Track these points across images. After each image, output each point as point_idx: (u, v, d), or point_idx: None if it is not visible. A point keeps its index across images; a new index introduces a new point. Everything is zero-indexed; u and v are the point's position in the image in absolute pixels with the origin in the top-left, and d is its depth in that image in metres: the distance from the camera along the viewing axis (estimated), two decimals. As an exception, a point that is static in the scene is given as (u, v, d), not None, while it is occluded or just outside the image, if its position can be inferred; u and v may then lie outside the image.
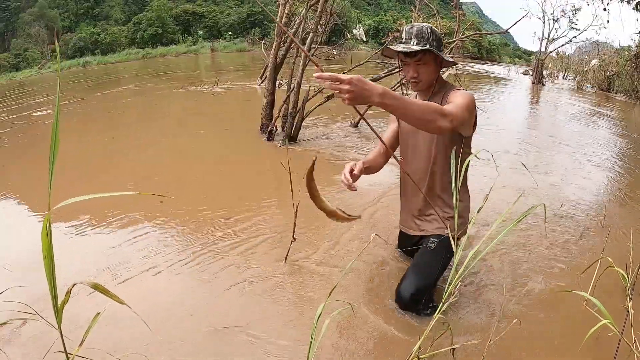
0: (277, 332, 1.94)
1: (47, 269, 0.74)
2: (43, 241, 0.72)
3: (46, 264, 0.73)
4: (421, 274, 2.03)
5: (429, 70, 1.94)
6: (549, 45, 15.59)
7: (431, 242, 2.11)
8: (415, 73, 1.93)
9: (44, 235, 0.71)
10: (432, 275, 2.03)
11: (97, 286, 0.80)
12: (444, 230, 2.10)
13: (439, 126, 1.56)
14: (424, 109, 1.50)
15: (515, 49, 58.03)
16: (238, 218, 3.08)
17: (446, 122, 1.57)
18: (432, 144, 2.05)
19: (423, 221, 2.21)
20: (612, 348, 1.72)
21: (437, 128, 1.57)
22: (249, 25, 37.74)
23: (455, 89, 1.97)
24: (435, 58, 1.94)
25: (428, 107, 1.53)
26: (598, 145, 5.70)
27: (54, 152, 0.72)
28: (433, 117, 1.53)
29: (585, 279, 2.24)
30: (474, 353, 1.79)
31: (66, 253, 2.63)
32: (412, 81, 1.97)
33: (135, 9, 41.15)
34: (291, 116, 5.02)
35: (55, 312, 0.80)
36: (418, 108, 1.48)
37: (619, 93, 12.73)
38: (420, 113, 1.48)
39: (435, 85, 2.03)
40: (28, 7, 38.20)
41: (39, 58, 32.69)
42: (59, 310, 0.79)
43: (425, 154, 2.10)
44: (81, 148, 5.32)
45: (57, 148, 0.74)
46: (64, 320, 0.86)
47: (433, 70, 1.96)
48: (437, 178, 2.11)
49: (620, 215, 3.30)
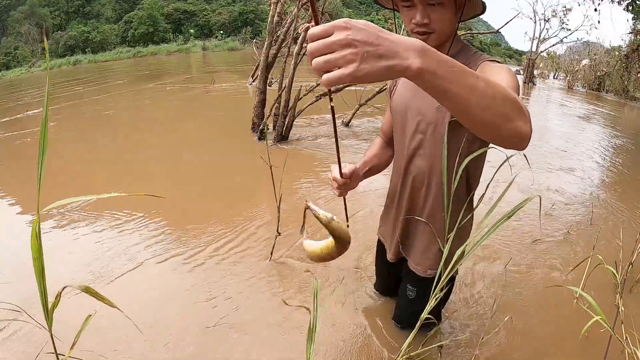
0: (268, 330, 1.93)
1: (37, 271, 0.73)
2: (32, 243, 0.71)
3: (36, 266, 0.72)
4: (406, 322, 1.80)
5: (445, 16, 1.20)
6: (540, 45, 15.71)
7: (409, 290, 1.68)
8: (424, 18, 1.20)
9: (34, 238, 0.70)
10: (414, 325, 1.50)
11: (87, 289, 0.79)
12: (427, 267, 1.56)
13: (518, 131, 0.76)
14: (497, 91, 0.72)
15: (507, 48, 58.36)
16: (227, 217, 3.08)
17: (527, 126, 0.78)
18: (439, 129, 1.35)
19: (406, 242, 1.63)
20: (603, 344, 1.73)
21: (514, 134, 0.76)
22: (240, 24, 37.67)
23: (484, 59, 1.26)
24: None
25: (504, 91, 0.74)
26: (586, 143, 5.76)
27: (42, 157, 0.71)
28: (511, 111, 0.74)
29: (576, 277, 2.26)
30: (466, 349, 1.80)
31: (57, 254, 2.61)
32: (420, 32, 1.23)
33: (126, 7, 40.83)
34: (282, 115, 5.01)
35: (45, 314, 0.79)
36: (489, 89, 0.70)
37: (609, 92, 12.86)
38: (492, 99, 0.71)
39: (449, 46, 1.31)
40: (18, 5, 37.78)
41: (29, 56, 32.37)
42: (49, 313, 0.78)
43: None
44: (74, 149, 5.27)
45: (46, 150, 0.73)
46: (56, 321, 0.85)
47: (450, 18, 1.22)
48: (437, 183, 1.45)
49: (608, 213, 3.34)
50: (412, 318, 1.53)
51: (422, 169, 1.43)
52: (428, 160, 1.41)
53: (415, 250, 1.59)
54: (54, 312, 0.80)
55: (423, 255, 1.56)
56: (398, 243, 1.62)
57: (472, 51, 1.32)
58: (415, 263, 1.59)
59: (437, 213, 1.47)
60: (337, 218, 0.97)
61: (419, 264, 1.57)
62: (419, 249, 1.56)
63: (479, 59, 1.27)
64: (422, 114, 1.35)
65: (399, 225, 1.59)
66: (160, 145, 5.32)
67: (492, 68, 1.18)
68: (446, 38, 1.27)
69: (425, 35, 1.23)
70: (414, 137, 1.41)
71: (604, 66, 13.39)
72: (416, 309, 1.53)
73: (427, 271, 1.55)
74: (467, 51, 1.32)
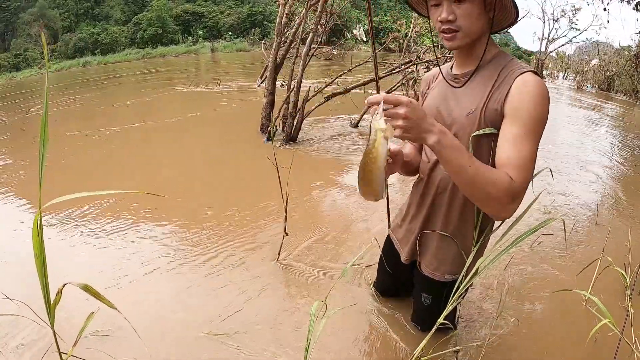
0: (271, 336, 1.91)
1: (39, 268, 0.73)
2: (34, 240, 0.71)
3: (38, 263, 0.73)
4: (426, 327, 1.72)
5: (472, 12, 1.19)
6: (549, 45, 15.65)
7: (424, 297, 1.69)
8: (449, 14, 1.19)
9: (35, 234, 0.70)
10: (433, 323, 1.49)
11: (87, 288, 0.80)
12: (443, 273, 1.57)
13: (493, 212, 1.17)
14: (488, 177, 1.09)
15: (516, 49, 57.84)
16: (235, 218, 3.08)
17: (506, 209, 1.14)
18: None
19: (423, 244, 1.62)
20: (611, 347, 1.71)
21: (497, 212, 1.16)
22: (249, 25, 37.71)
23: (521, 70, 1.21)
24: None
25: (497, 176, 1.10)
26: (593, 143, 5.70)
27: (43, 151, 0.71)
28: (499, 195, 1.10)
29: (584, 279, 2.23)
30: (472, 353, 1.78)
31: (60, 253, 2.63)
32: (444, 30, 1.23)
33: (135, 9, 41.10)
34: (291, 116, 5.01)
35: (47, 311, 0.79)
36: (480, 172, 1.08)
37: (619, 93, 12.74)
38: (483, 182, 1.08)
39: (484, 50, 1.29)
40: (28, 7, 38.17)
41: (39, 58, 32.69)
42: (52, 309, 0.78)
43: None
44: (80, 147, 5.31)
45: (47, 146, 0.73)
46: (59, 320, 0.85)
47: (478, 14, 1.20)
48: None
49: (615, 214, 3.30)
50: (431, 320, 1.50)
51: (447, 174, 1.39)
52: None
53: (431, 254, 1.57)
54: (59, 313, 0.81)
55: (441, 259, 1.55)
56: (415, 244, 1.61)
57: (508, 59, 1.28)
58: (432, 268, 1.57)
59: (458, 218, 1.47)
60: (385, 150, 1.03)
61: (437, 268, 1.56)
62: (436, 253, 1.55)
63: (515, 70, 1.22)
64: (453, 117, 1.34)
65: (418, 226, 1.58)
66: (168, 146, 5.35)
67: (531, 88, 1.16)
68: (475, 37, 1.25)
69: (451, 34, 1.22)
70: None
71: (613, 66, 13.27)
72: (434, 312, 1.53)
73: (445, 276, 1.55)
74: (502, 59, 1.28)
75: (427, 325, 1.71)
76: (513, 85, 1.19)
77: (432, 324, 1.45)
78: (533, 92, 1.16)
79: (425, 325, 1.78)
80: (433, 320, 1.45)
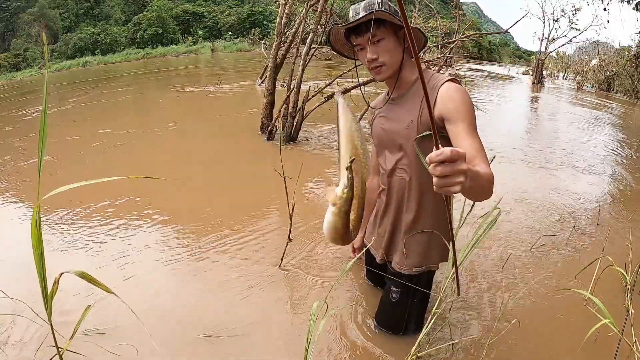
0: (272, 338, 1.90)
1: (37, 261, 0.73)
2: (32, 233, 0.71)
3: (36, 256, 0.73)
4: (389, 325, 1.86)
5: (389, 47, 1.50)
6: (549, 45, 15.62)
7: (393, 292, 1.78)
8: (373, 54, 1.50)
9: (33, 227, 0.70)
10: (399, 327, 1.81)
11: (83, 274, 0.80)
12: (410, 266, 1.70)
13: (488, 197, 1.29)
14: (487, 177, 1.22)
15: (516, 49, 58.05)
16: (236, 219, 3.06)
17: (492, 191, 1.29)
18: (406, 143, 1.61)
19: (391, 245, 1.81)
20: (611, 348, 1.71)
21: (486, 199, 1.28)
22: (249, 25, 37.79)
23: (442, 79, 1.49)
24: (395, 31, 1.50)
25: (486, 171, 1.24)
26: (593, 143, 5.70)
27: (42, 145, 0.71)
28: (492, 186, 1.25)
29: (585, 279, 2.23)
30: (472, 353, 1.78)
31: (58, 249, 2.62)
32: (374, 67, 1.54)
33: (135, 9, 41.17)
34: (291, 116, 5.01)
35: (45, 303, 0.79)
36: (484, 178, 1.19)
37: (619, 93, 12.74)
38: (486, 183, 1.21)
39: (407, 74, 1.60)
40: (28, 7, 38.21)
41: (39, 58, 32.73)
42: (49, 300, 0.78)
43: None
44: (81, 146, 5.31)
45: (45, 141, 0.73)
46: (58, 320, 0.85)
47: (394, 47, 1.51)
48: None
49: (616, 213, 3.30)
50: (393, 321, 1.81)
51: (403, 178, 1.65)
52: (408, 170, 1.63)
53: (399, 252, 1.74)
54: (65, 316, 0.81)
55: (408, 254, 1.71)
56: (386, 247, 1.80)
57: (429, 74, 1.56)
58: (401, 263, 1.72)
59: (421, 215, 1.66)
60: None
61: (405, 263, 1.71)
62: (404, 250, 1.71)
63: (436, 82, 1.48)
64: (396, 131, 1.61)
65: (387, 229, 1.78)
66: (168, 145, 5.34)
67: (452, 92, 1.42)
68: (397, 66, 1.55)
69: (378, 68, 1.54)
70: (395, 154, 1.66)
71: (613, 66, 13.28)
72: (400, 308, 1.77)
73: (413, 269, 1.70)
74: (425, 75, 1.52)
75: (387, 324, 1.86)
76: (438, 94, 1.43)
77: (394, 322, 1.78)
78: (456, 95, 1.42)
79: (386, 323, 1.88)
80: (396, 317, 1.76)
